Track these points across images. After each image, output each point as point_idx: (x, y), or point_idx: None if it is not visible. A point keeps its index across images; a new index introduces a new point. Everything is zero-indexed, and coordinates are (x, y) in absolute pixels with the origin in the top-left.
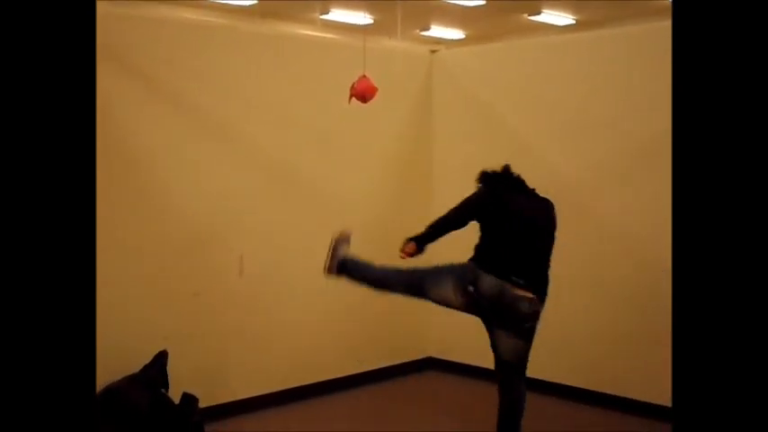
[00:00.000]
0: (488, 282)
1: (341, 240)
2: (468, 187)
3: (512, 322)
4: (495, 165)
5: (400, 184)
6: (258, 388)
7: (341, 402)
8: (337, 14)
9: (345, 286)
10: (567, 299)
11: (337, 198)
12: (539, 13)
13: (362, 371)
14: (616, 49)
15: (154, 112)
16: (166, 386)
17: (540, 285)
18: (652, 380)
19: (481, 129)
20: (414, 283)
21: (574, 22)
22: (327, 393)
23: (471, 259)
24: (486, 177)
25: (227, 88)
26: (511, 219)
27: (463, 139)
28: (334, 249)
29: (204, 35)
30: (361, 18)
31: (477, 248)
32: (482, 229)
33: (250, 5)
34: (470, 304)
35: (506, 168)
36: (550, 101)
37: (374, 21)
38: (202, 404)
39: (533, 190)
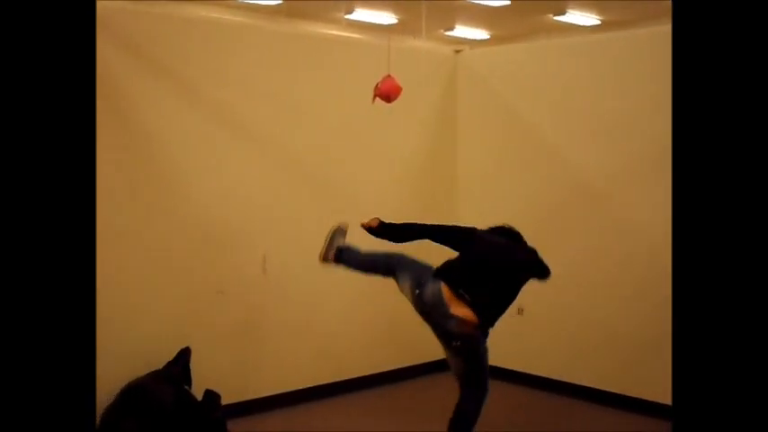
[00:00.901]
0: (432, 289)
1: (339, 231)
2: (492, 187)
3: (440, 335)
4: (519, 164)
5: (424, 184)
6: (280, 386)
7: (359, 401)
8: (362, 14)
9: (365, 288)
10: (581, 298)
11: (360, 197)
12: (564, 13)
13: (380, 371)
14: (641, 49)
15: (179, 111)
16: (189, 383)
17: (484, 313)
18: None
19: (505, 129)
20: (390, 268)
21: (599, 22)
22: (346, 392)
23: (438, 267)
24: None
25: (252, 87)
26: (480, 251)
27: (487, 139)
28: (331, 239)
29: (230, 34)
30: (386, 18)
31: (447, 261)
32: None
33: (276, 5)
34: (416, 306)
35: (503, 226)
36: (575, 101)
37: (398, 20)
38: (225, 401)
39: (524, 242)
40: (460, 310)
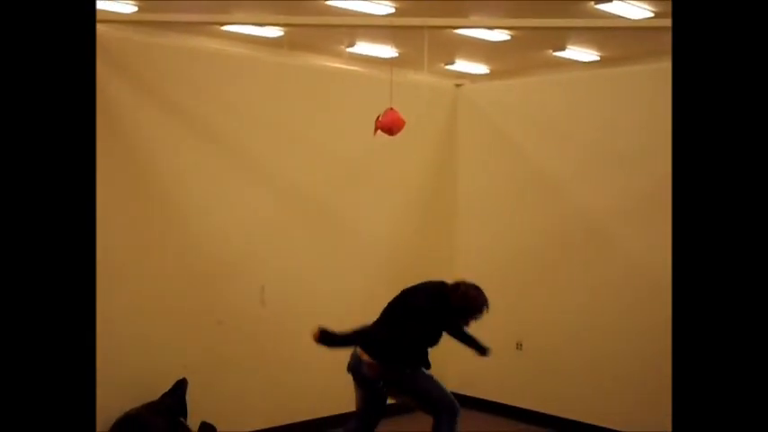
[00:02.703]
0: (352, 358)
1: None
2: (492, 221)
3: (371, 388)
4: (519, 197)
5: (424, 217)
6: (278, 419)
7: None
8: (363, 47)
9: (364, 320)
10: (583, 331)
11: (360, 229)
12: (563, 49)
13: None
14: (638, 85)
15: (179, 142)
16: (185, 414)
17: (381, 351)
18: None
19: (505, 163)
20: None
21: (598, 58)
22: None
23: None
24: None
25: (254, 118)
26: (386, 307)
27: (488, 172)
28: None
29: (232, 66)
30: (387, 51)
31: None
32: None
33: (278, 37)
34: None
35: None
36: (574, 136)
37: (399, 54)
38: None
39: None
40: (365, 357)
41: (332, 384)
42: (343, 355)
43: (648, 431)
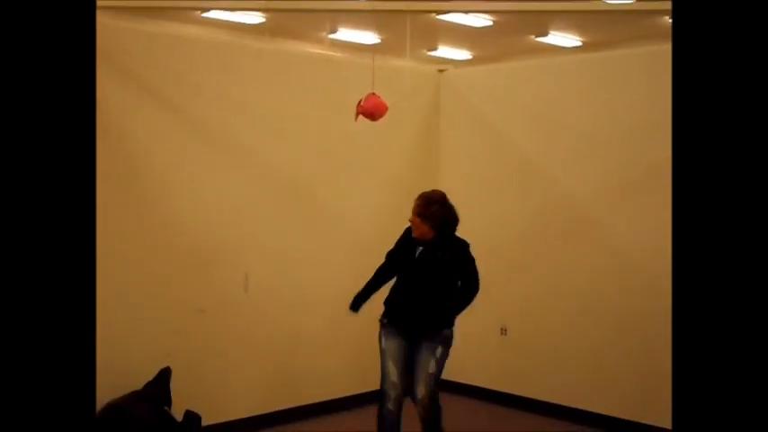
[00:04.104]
0: None
1: None
2: (474, 205)
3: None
4: (502, 181)
5: (406, 202)
6: (263, 406)
7: (349, 422)
8: (345, 34)
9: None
10: (567, 317)
11: (343, 215)
12: (546, 34)
13: (372, 390)
14: (622, 70)
15: (160, 127)
16: (169, 403)
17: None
18: (653, 401)
19: (488, 148)
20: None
21: (581, 43)
22: (335, 412)
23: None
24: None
25: (235, 105)
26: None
27: (470, 158)
28: None
29: (214, 52)
30: (369, 37)
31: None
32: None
33: (259, 24)
34: None
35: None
36: (557, 121)
37: (382, 40)
38: (205, 422)
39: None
40: None
41: (317, 372)
42: (330, 340)
43: (632, 416)
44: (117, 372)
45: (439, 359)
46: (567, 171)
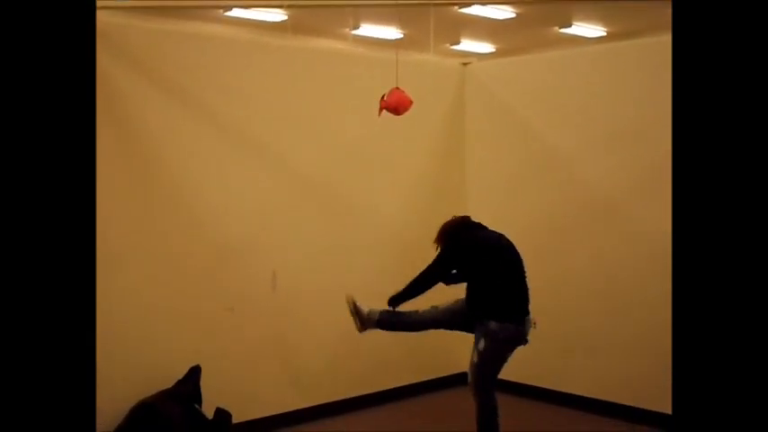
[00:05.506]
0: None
1: (354, 303)
2: (500, 198)
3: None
4: (528, 174)
5: (433, 196)
6: (292, 403)
7: (374, 417)
8: (368, 29)
9: (377, 303)
10: (590, 304)
11: (370, 212)
12: (569, 25)
13: (396, 386)
14: (647, 59)
15: (187, 129)
16: (200, 401)
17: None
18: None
19: (513, 140)
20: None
21: (605, 33)
22: (361, 408)
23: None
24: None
25: (260, 103)
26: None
27: (495, 150)
28: (356, 312)
29: (237, 50)
30: (392, 33)
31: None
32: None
33: (281, 21)
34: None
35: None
36: (582, 112)
37: (404, 35)
38: (236, 419)
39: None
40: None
41: (343, 368)
42: (354, 339)
43: (647, 404)
44: (148, 371)
45: (482, 351)
46: (594, 161)
